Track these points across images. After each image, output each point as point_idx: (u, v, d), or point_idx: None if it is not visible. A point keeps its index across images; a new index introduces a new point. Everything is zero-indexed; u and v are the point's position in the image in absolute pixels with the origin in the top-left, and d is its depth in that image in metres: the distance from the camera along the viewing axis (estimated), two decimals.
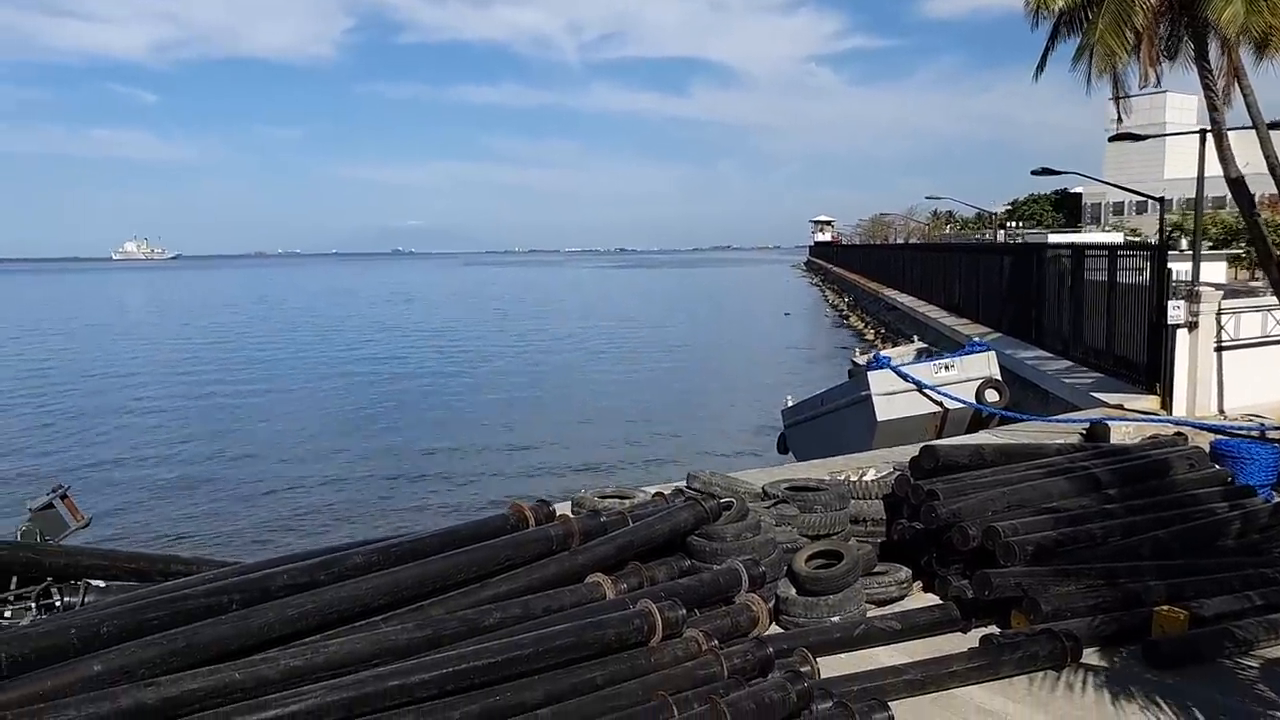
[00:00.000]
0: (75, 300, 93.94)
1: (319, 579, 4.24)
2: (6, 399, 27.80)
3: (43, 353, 40.71)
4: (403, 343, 43.44)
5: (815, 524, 6.02)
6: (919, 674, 4.55)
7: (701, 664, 4.20)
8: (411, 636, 3.99)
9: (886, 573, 5.88)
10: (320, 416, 24.63)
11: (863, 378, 12.33)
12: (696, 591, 4.91)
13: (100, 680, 3.44)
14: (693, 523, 5.38)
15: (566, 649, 4.06)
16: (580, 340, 42.68)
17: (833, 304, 61.36)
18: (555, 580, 4.76)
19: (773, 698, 3.87)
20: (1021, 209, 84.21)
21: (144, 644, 3.59)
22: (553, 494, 12.82)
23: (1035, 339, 16.60)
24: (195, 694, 3.44)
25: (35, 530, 4.17)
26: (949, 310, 26.05)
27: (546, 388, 28.69)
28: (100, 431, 22.70)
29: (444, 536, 4.85)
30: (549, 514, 5.30)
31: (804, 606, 5.36)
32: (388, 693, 3.63)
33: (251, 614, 3.88)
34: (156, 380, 31.50)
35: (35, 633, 3.44)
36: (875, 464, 7.86)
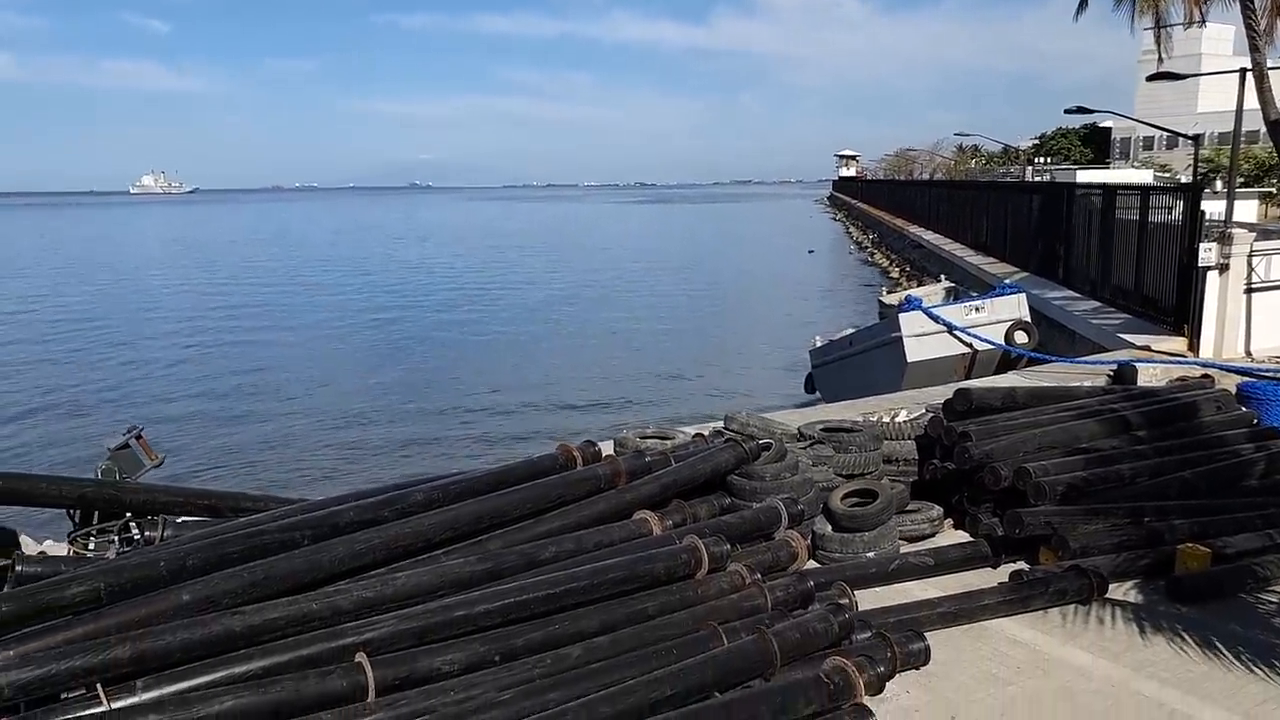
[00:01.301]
0: (104, 238, 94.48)
1: (383, 515, 4.47)
2: (61, 341, 28.05)
3: (83, 293, 40.88)
4: (431, 283, 43.24)
5: (850, 464, 6.21)
6: (952, 607, 4.76)
7: (746, 596, 4.41)
8: (473, 569, 4.22)
9: (919, 511, 6.07)
10: (352, 356, 24.91)
11: (893, 319, 12.41)
12: (738, 528, 5.12)
13: (189, 609, 3.69)
14: (733, 462, 5.57)
15: (619, 581, 4.28)
16: (603, 280, 42.65)
17: (856, 240, 60.93)
18: (604, 517, 4.97)
19: (816, 628, 4.08)
20: (1049, 144, 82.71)
21: (226, 576, 3.84)
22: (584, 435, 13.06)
23: (1063, 279, 16.56)
24: (277, 622, 3.69)
25: (114, 469, 4.40)
26: (976, 249, 25.91)
27: (571, 329, 28.77)
28: (149, 372, 23.06)
29: (498, 475, 5.07)
30: (595, 454, 5.51)
31: (840, 543, 5.56)
32: (454, 622, 3.87)
33: (323, 548, 4.12)
34: (193, 320, 31.76)
35: (129, 564, 3.67)
36: (906, 405, 8.01)
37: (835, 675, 3.74)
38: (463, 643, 3.83)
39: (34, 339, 28.19)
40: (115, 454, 4.44)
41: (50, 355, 25.63)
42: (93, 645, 3.35)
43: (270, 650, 3.59)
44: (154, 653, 3.41)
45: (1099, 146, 74.16)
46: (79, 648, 3.34)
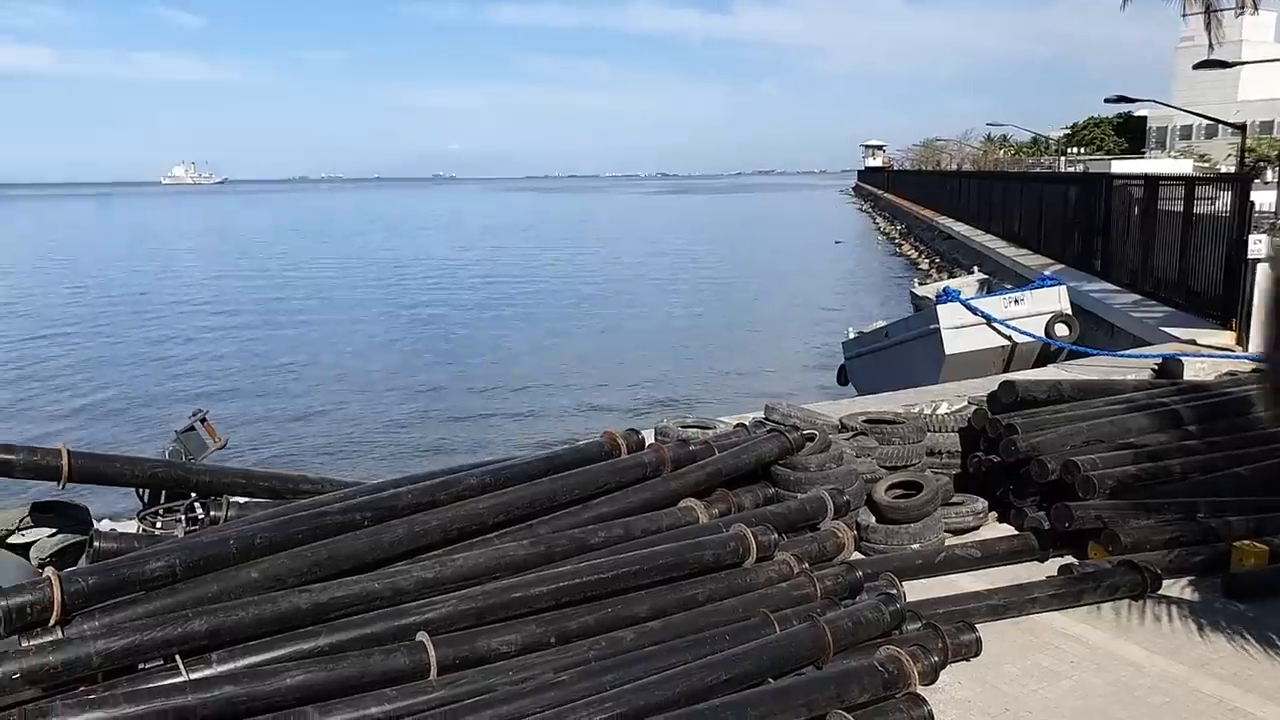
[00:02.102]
0: (141, 227, 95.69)
1: (439, 498, 4.56)
2: (118, 329, 28.45)
3: (132, 282, 41.39)
4: (461, 272, 43.40)
5: (893, 456, 6.22)
6: (1002, 599, 4.77)
7: (796, 585, 4.45)
8: (528, 552, 4.30)
9: (963, 503, 6.08)
10: (391, 346, 25.09)
11: (931, 311, 12.36)
12: (784, 518, 5.16)
13: (257, 586, 3.79)
14: (778, 453, 5.61)
15: (669, 568, 4.33)
16: (628, 272, 42.65)
17: (884, 231, 60.52)
18: (651, 504, 5.03)
19: (868, 617, 4.11)
20: (1081, 134, 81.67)
21: (292, 555, 3.94)
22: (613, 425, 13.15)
23: (1101, 271, 16.39)
24: (341, 600, 3.79)
25: (181, 450, 4.52)
26: (1008, 240, 25.66)
27: (599, 321, 28.82)
28: (199, 357, 23.44)
29: (546, 461, 5.14)
30: (639, 442, 5.56)
31: (885, 534, 5.59)
32: (511, 603, 3.94)
33: (383, 529, 4.21)
34: (238, 309, 32.15)
35: (202, 543, 3.77)
36: (947, 397, 7.99)
37: (889, 664, 3.77)
38: (519, 624, 3.90)
39: (90, 327, 28.58)
40: (182, 436, 4.55)
41: (106, 340, 26.08)
42: (171, 618, 3.46)
43: (336, 628, 3.69)
44: (228, 627, 3.51)
45: (1134, 136, 73.07)
46: (158, 620, 3.44)
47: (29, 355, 23.74)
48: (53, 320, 29.82)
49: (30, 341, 25.85)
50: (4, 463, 4.02)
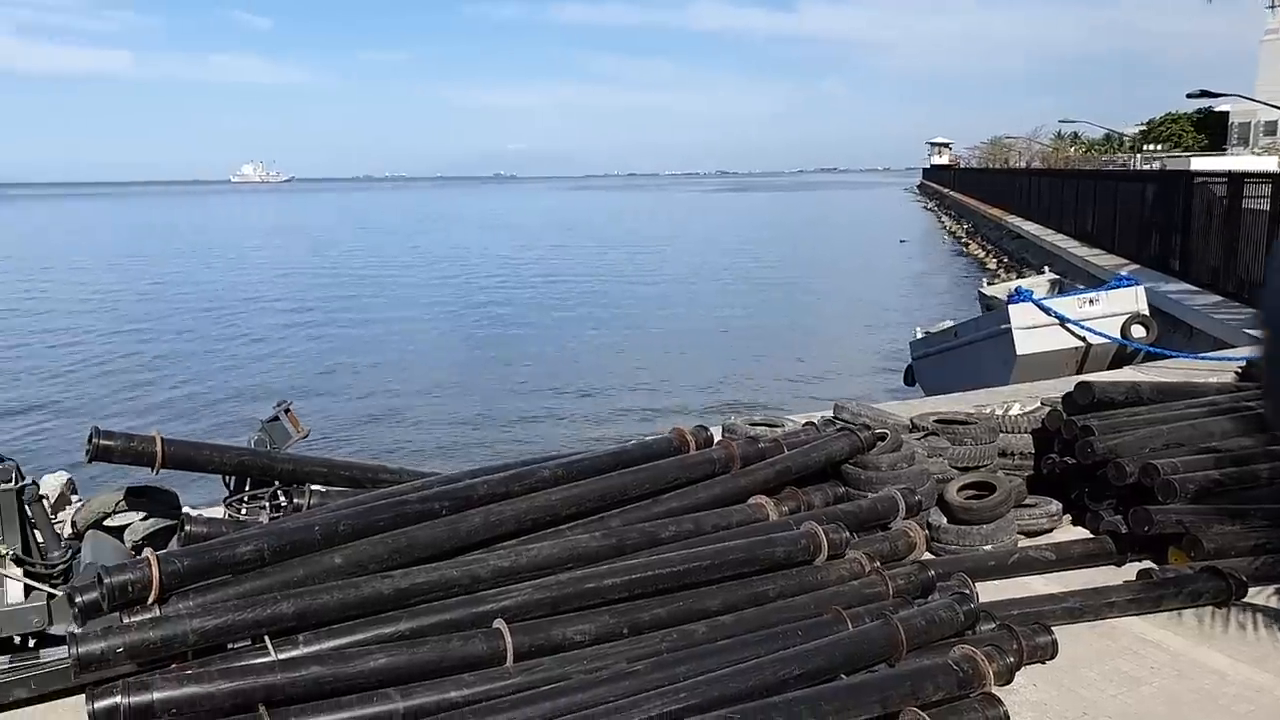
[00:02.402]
0: (217, 226, 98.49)
1: (513, 489, 4.64)
2: (196, 323, 29.33)
3: (210, 279, 42.68)
4: (528, 274, 43.59)
5: (965, 456, 6.15)
6: (1078, 602, 4.70)
7: (867, 583, 4.44)
8: (600, 544, 4.36)
9: (1036, 505, 5.98)
10: (451, 343, 25.52)
11: (1002, 311, 12.16)
12: (855, 516, 5.14)
13: (341, 571, 3.91)
14: (848, 451, 5.59)
15: (740, 563, 4.35)
16: (691, 271, 42.64)
17: (950, 230, 59.59)
18: (720, 500, 5.05)
19: (942, 616, 4.09)
20: (1157, 130, 79.37)
21: (373, 542, 4.05)
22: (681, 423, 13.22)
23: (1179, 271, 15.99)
24: (421, 587, 3.89)
25: (266, 439, 4.67)
26: (1080, 240, 25.13)
27: (662, 320, 28.87)
28: (272, 356, 24.14)
29: (616, 455, 5.19)
30: (708, 439, 5.59)
31: (956, 535, 5.53)
32: (585, 593, 4.00)
33: (460, 519, 4.31)
34: (314, 305, 32.94)
35: (289, 529, 3.91)
36: (1019, 398, 7.88)
37: (964, 663, 3.74)
38: (592, 614, 3.96)
39: (167, 323, 29.56)
40: (267, 425, 4.71)
41: (185, 336, 26.96)
42: (260, 600, 3.59)
43: (416, 613, 3.79)
44: (314, 610, 3.63)
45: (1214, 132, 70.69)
46: (249, 602, 3.58)
47: (112, 351, 24.64)
48: (133, 316, 30.92)
49: (114, 336, 26.85)
50: (105, 448, 4.20)
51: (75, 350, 24.37)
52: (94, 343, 25.62)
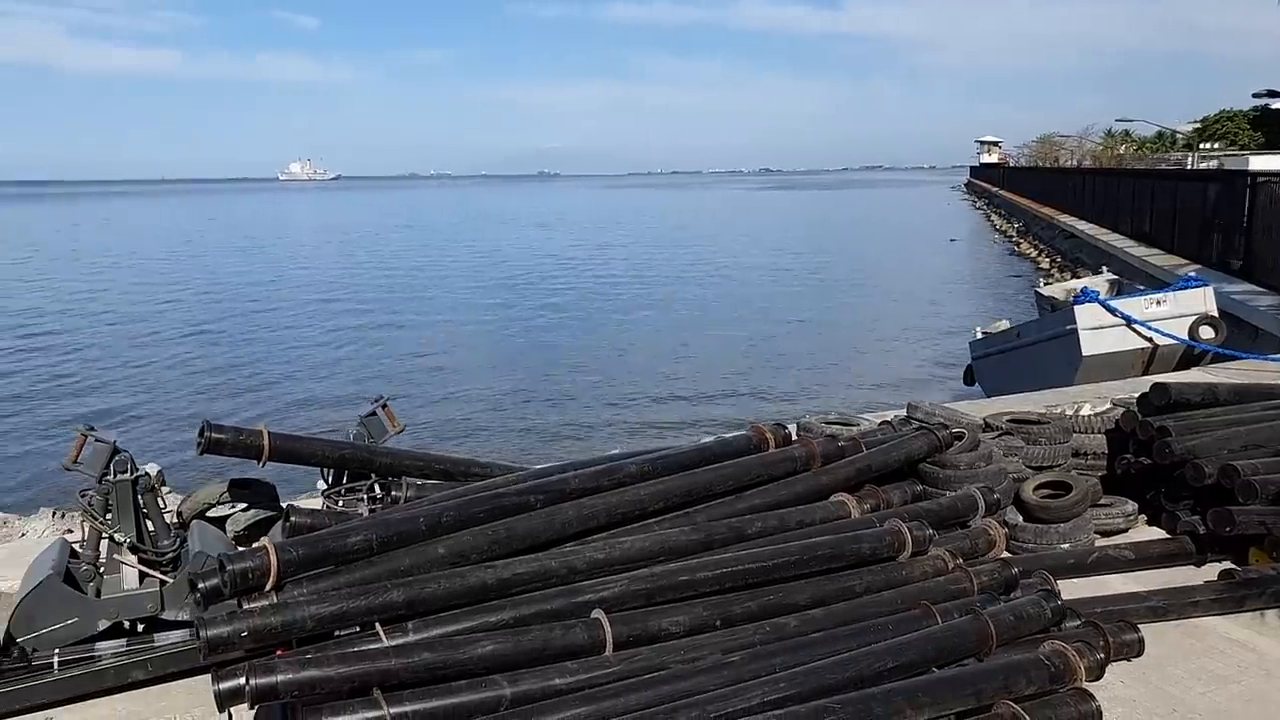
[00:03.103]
0: (278, 222, 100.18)
1: (602, 484, 4.77)
2: (261, 320, 29.95)
3: (273, 278, 43.34)
4: (581, 273, 43.55)
5: (1039, 456, 6.17)
6: (1161, 601, 4.71)
7: (952, 580, 4.50)
8: (689, 538, 4.47)
9: (1112, 505, 5.99)
10: (513, 342, 25.66)
11: (1068, 311, 12.07)
12: (936, 514, 5.19)
13: (444, 560, 4.06)
14: (926, 450, 5.64)
15: (827, 558, 4.44)
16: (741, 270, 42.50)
17: (1000, 229, 58.85)
18: (801, 497, 5.14)
19: (1029, 612, 4.13)
20: (1213, 127, 77.71)
21: (474, 533, 4.20)
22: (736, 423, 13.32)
23: (1242, 272, 15.72)
24: (522, 577, 4.03)
25: (364, 434, 4.85)
26: (1137, 239, 24.74)
27: (719, 319, 28.72)
28: (347, 357, 24.43)
29: (699, 452, 5.30)
30: (786, 436, 5.67)
31: (1034, 533, 5.57)
32: (678, 585, 4.11)
33: (555, 511, 4.44)
34: (378, 304, 33.38)
35: (395, 519, 4.07)
36: (1088, 399, 7.86)
37: (1055, 658, 3.79)
38: (685, 606, 4.07)
39: (233, 322, 30.15)
40: (365, 420, 4.89)
41: (256, 330, 27.57)
42: (372, 589, 3.74)
43: (518, 602, 3.92)
44: (423, 599, 3.78)
45: (1271, 129, 69.09)
46: (361, 590, 3.74)
47: (183, 348, 25.10)
48: (200, 314, 31.51)
49: (184, 333, 27.46)
50: (216, 441, 4.39)
51: (147, 348, 24.95)
52: (165, 341, 26.19)
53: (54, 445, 15.70)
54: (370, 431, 4.86)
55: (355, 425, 4.89)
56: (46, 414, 18.13)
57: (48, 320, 29.90)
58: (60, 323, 29.41)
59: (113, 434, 4.42)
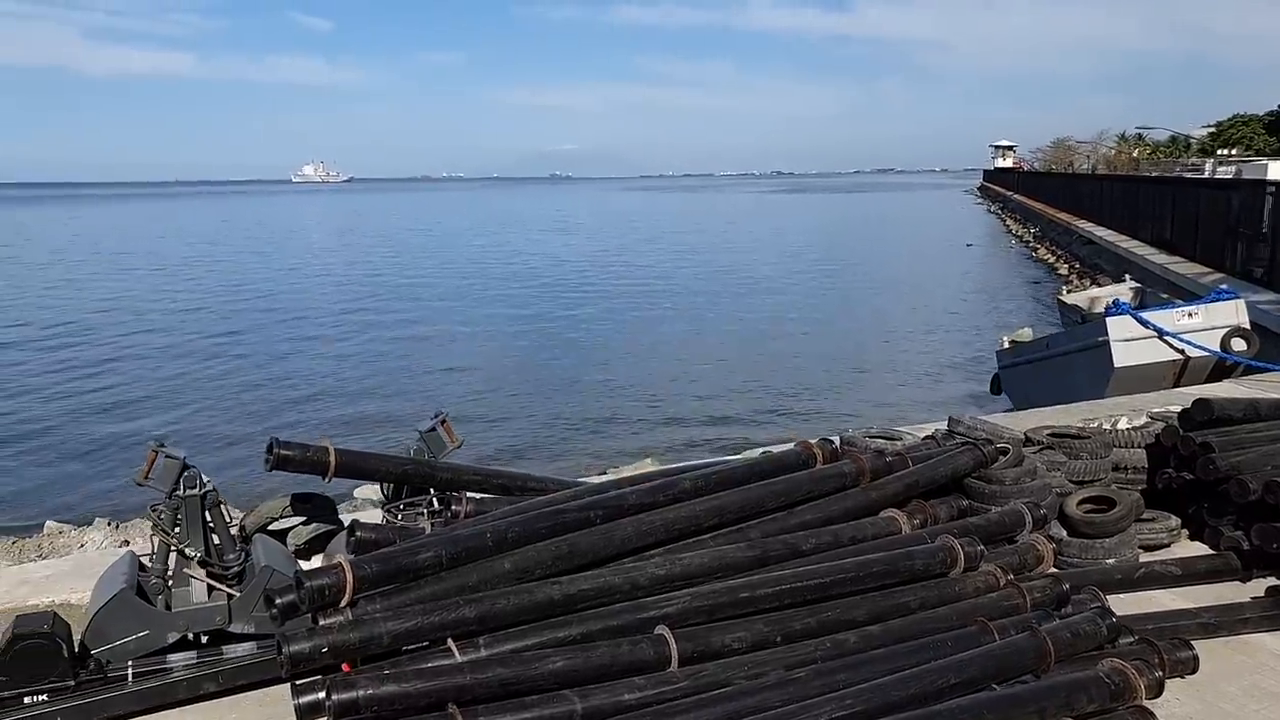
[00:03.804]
0: (298, 225, 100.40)
1: (658, 499, 4.84)
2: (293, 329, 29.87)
3: (297, 285, 43.22)
4: (600, 280, 43.25)
5: (1081, 470, 6.22)
6: (1212, 618, 4.76)
7: (1005, 596, 4.56)
8: (746, 554, 4.54)
9: (1155, 520, 6.03)
10: (544, 349, 25.55)
11: (1099, 323, 12.10)
12: (984, 530, 5.24)
13: (510, 576, 4.13)
14: (972, 466, 5.69)
15: (882, 574, 4.50)
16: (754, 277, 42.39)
17: (1016, 234, 58.70)
18: (851, 513, 5.19)
19: (1085, 629, 4.19)
20: (1227, 132, 77.31)
21: (538, 548, 4.27)
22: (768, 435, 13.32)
23: (1266, 281, 15.70)
24: (587, 593, 4.10)
25: (424, 449, 4.94)
26: (1157, 247, 24.69)
27: (740, 325, 28.63)
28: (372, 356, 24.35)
29: (749, 468, 5.36)
30: (833, 451, 5.74)
31: (1079, 548, 5.61)
32: (739, 602, 4.18)
33: (614, 527, 4.51)
34: (407, 314, 33.13)
35: (463, 535, 4.15)
36: (1123, 412, 7.89)
37: (1115, 676, 3.85)
38: (746, 622, 4.14)
39: (275, 329, 30.02)
40: (425, 436, 4.98)
41: (286, 337, 27.60)
42: (444, 605, 3.82)
43: (585, 618, 4.00)
44: (493, 614, 3.86)
45: None
46: (434, 606, 3.81)
47: (213, 359, 24.97)
48: (227, 320, 31.42)
49: (214, 340, 27.46)
50: (284, 457, 4.48)
51: (182, 359, 24.77)
52: (199, 351, 25.98)
53: (99, 456, 15.83)
54: (430, 447, 4.95)
55: (415, 441, 4.98)
56: (90, 426, 18.16)
57: (80, 328, 29.90)
58: (93, 331, 29.33)
59: (182, 450, 4.52)
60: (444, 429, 4.98)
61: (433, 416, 5.04)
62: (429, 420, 5.02)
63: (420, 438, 4.95)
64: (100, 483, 14.19)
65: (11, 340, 28.13)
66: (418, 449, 4.92)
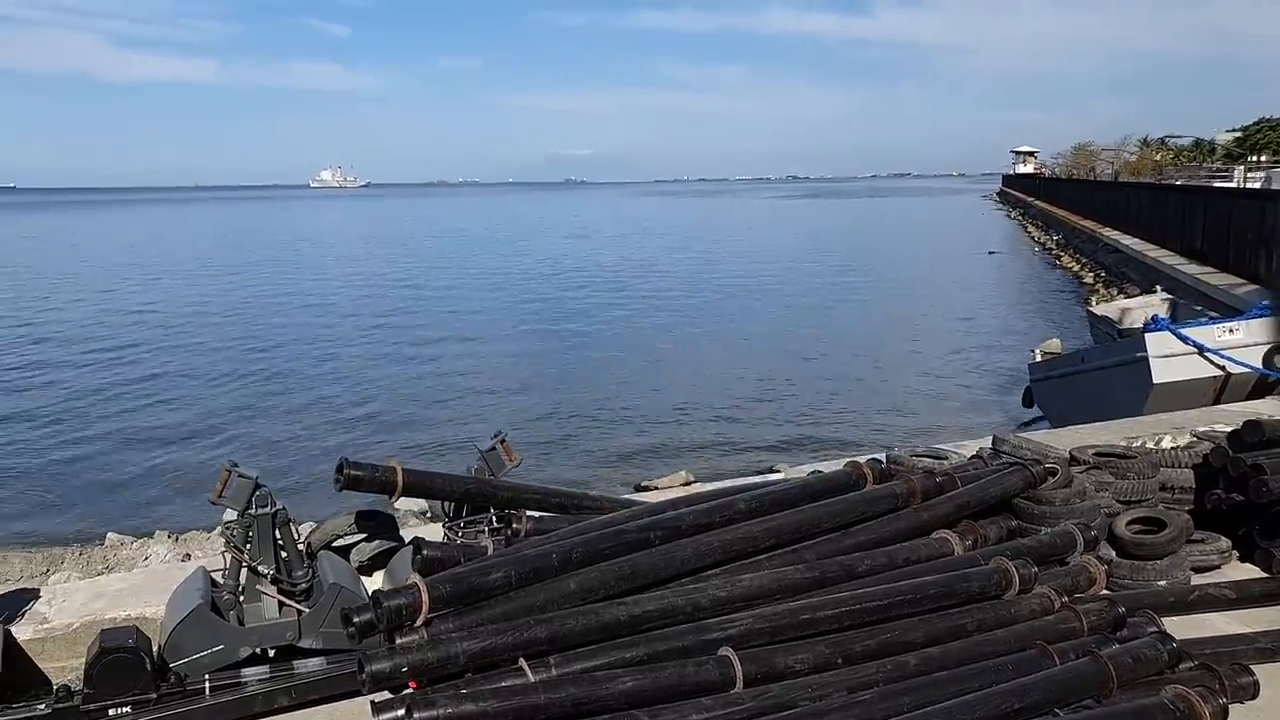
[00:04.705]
0: (319, 231, 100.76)
1: (715, 520, 4.91)
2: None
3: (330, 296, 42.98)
4: (625, 288, 43.02)
5: (1128, 490, 6.24)
6: (1270, 642, 4.78)
7: (1062, 619, 4.60)
8: (804, 576, 4.60)
9: (1205, 541, 6.04)
10: (583, 363, 25.42)
11: (1138, 339, 12.07)
12: (1036, 551, 5.28)
13: (575, 595, 4.21)
14: (1021, 486, 5.74)
15: (939, 597, 4.56)
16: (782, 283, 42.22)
17: (1039, 241, 58.41)
18: (904, 534, 5.25)
19: (1146, 654, 4.23)
20: (1254, 137, 76.63)
21: (602, 569, 4.35)
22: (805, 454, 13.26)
23: None
24: (651, 614, 4.17)
25: (484, 468, 5.04)
26: (1187, 257, 24.53)
27: (769, 336, 28.40)
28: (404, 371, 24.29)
29: (802, 489, 5.43)
30: (883, 472, 5.80)
31: (1130, 570, 5.64)
32: (800, 624, 4.25)
33: (674, 548, 4.59)
34: (447, 327, 32.79)
35: (530, 555, 4.24)
36: (1164, 430, 7.90)
37: (1179, 702, 3.88)
38: (808, 644, 4.20)
39: (316, 345, 29.62)
40: (485, 455, 5.07)
41: (320, 352, 27.52)
42: (516, 625, 3.91)
43: (651, 639, 4.07)
44: (563, 635, 3.94)
45: None
46: (507, 626, 3.90)
47: (245, 373, 24.73)
48: (258, 332, 31.21)
49: (244, 352, 27.40)
50: (354, 478, 4.58)
51: (221, 366, 24.81)
52: (239, 359, 26.07)
53: (149, 466, 15.91)
54: (490, 466, 5.05)
55: (476, 460, 5.08)
56: (139, 436, 18.17)
57: (121, 340, 29.79)
58: (135, 344, 29.12)
59: (254, 469, 4.63)
60: (503, 448, 5.08)
61: (492, 436, 5.14)
62: (489, 440, 5.12)
63: (481, 456, 5.05)
64: (151, 490, 14.31)
65: (56, 350, 28.27)
66: (478, 468, 5.02)
